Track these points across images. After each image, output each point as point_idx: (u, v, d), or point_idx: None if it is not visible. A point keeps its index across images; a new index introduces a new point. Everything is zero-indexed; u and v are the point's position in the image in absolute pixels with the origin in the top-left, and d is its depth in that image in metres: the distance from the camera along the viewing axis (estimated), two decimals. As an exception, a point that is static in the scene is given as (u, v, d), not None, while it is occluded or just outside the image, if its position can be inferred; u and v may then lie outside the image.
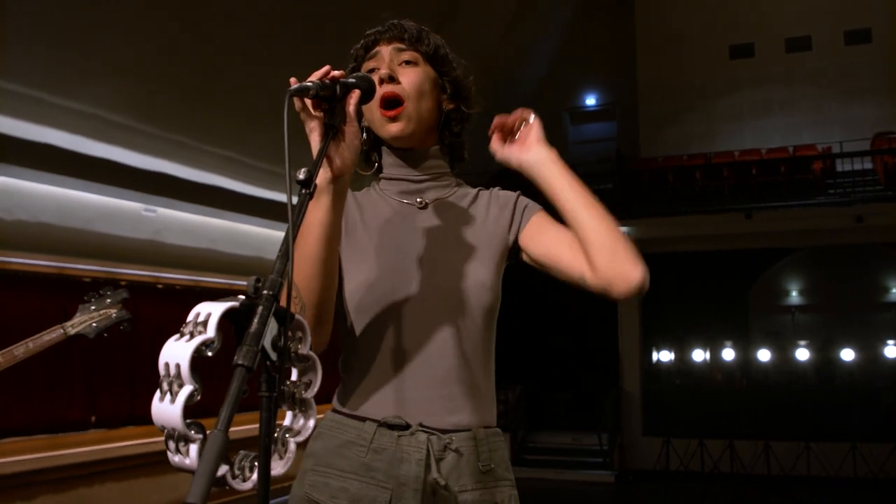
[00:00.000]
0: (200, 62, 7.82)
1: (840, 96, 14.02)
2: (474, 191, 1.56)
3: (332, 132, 1.16)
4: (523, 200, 1.52)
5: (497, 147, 1.43)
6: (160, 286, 8.31)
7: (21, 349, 2.03)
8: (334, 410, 1.42)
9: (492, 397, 1.43)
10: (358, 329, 1.40)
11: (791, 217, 11.26)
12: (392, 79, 1.41)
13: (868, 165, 12.42)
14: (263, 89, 8.34)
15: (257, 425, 0.79)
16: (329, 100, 1.15)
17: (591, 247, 1.33)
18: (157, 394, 0.79)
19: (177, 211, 8.76)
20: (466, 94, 1.53)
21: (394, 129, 1.42)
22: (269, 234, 9.51)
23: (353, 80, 1.22)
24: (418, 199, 1.49)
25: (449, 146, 1.54)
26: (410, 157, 1.49)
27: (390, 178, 1.51)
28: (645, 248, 9.03)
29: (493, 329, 1.43)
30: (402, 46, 1.45)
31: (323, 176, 1.21)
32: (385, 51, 1.45)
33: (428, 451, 1.32)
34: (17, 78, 6.95)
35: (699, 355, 12.42)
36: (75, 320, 2.13)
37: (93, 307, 2.16)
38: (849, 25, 14.07)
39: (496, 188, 1.57)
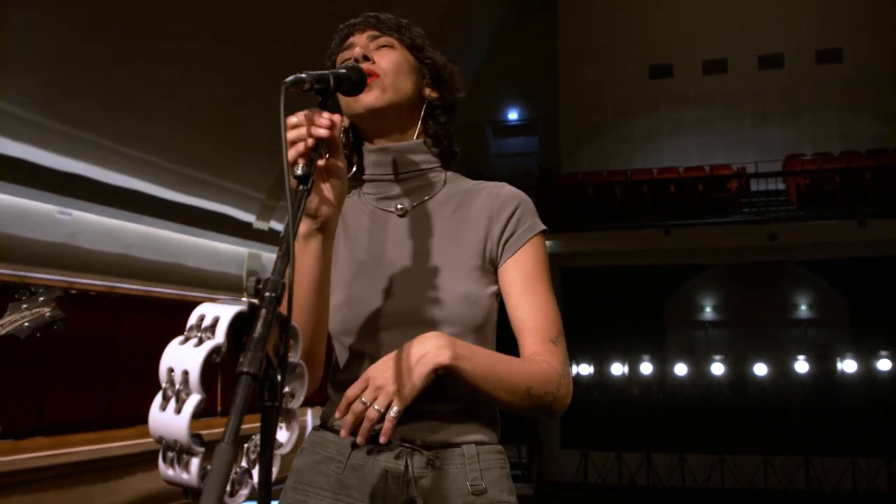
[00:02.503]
0: (114, 61, 7.59)
1: (754, 118, 14.46)
2: (467, 186, 1.43)
3: (308, 184, 1.00)
4: (522, 215, 1.38)
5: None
6: (73, 291, 8.02)
7: None
8: (319, 426, 1.35)
9: (490, 413, 1.34)
10: (341, 348, 1.34)
11: (707, 234, 11.53)
12: (366, 58, 1.32)
13: (781, 186, 12.83)
14: (180, 91, 8.19)
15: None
16: (323, 93, 1.07)
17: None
18: (158, 401, 0.71)
19: (92, 214, 8.48)
20: (449, 79, 1.43)
21: (367, 98, 1.30)
22: (187, 241, 9.28)
23: (343, 71, 1.15)
24: (398, 206, 1.38)
25: (434, 137, 1.42)
26: (391, 151, 1.38)
27: (370, 180, 1.41)
28: (565, 263, 9.03)
29: (488, 341, 1.33)
30: (377, 34, 1.37)
31: (308, 226, 1.13)
32: (359, 39, 1.37)
33: (407, 467, 1.24)
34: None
35: (618, 369, 12.58)
36: (6, 319, 1.98)
37: (24, 305, 2.02)
38: (762, 50, 14.52)
39: (498, 184, 1.43)
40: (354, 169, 1.43)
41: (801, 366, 11.87)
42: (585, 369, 12.81)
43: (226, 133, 8.84)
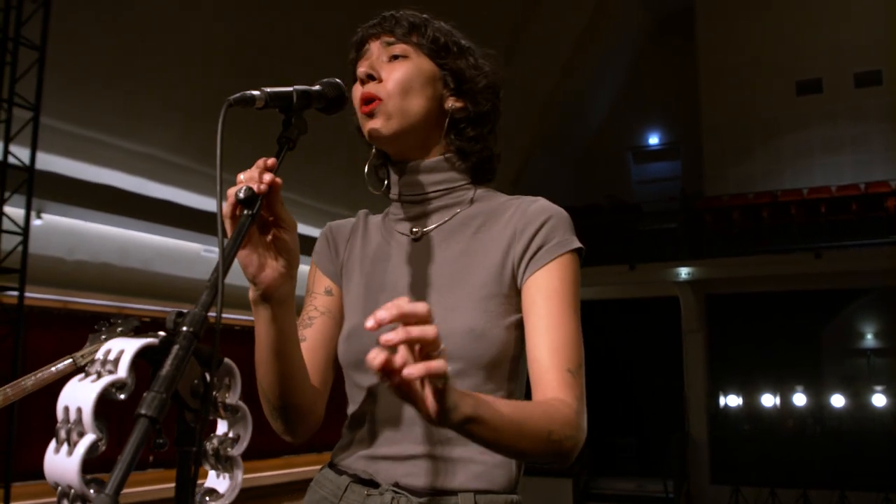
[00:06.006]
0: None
1: (914, 131, 13.56)
2: (497, 203, 1.29)
3: (254, 208, 0.96)
4: (550, 231, 1.21)
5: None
6: (239, 328, 8.34)
7: (31, 380, 1.96)
8: (328, 463, 1.29)
9: (498, 458, 1.17)
10: (349, 381, 1.27)
11: (863, 256, 10.86)
12: (371, 77, 1.21)
13: (945, 202, 11.95)
14: (318, 128, 8.46)
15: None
16: (286, 110, 1.02)
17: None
18: (53, 444, 0.67)
19: (235, 252, 8.83)
20: (472, 88, 1.26)
21: (369, 125, 1.20)
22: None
23: (317, 87, 1.08)
24: (413, 229, 1.27)
25: (459, 152, 1.27)
26: (408, 171, 1.27)
27: (394, 200, 1.31)
28: (711, 289, 8.71)
29: (502, 380, 1.20)
30: (392, 40, 1.24)
31: (252, 292, 1.08)
32: (374, 46, 1.25)
33: None
34: (78, 120, 7.10)
35: (769, 400, 11.99)
36: (86, 350, 2.05)
37: (103, 336, 2.08)
38: (921, 58, 13.65)
39: (531, 198, 1.26)
40: (386, 184, 1.33)
41: (976, 396, 10.94)
42: (734, 401, 12.28)
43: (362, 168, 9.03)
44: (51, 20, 6.22)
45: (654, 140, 17.40)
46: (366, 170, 1.31)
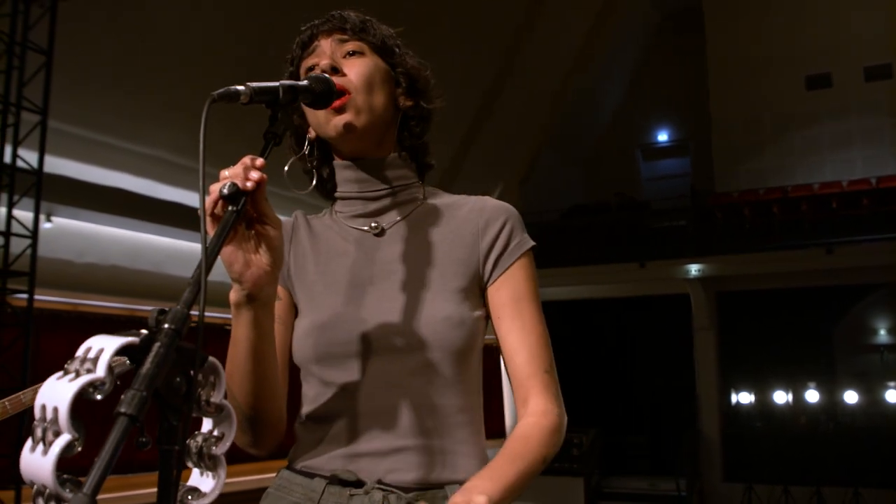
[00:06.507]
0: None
1: (925, 125, 13.48)
2: (449, 201, 1.32)
3: (239, 204, 0.94)
4: (511, 231, 1.26)
5: None
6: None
7: (29, 395, 1.94)
8: (286, 468, 1.25)
9: (476, 449, 1.22)
10: (311, 379, 1.24)
11: (875, 251, 10.80)
12: (335, 70, 1.20)
13: (957, 197, 11.87)
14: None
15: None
16: (272, 105, 0.99)
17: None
18: (29, 442, 0.66)
19: (245, 253, 8.85)
20: (424, 87, 1.31)
21: (340, 121, 1.19)
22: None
23: (306, 82, 1.07)
24: (373, 224, 1.27)
25: (410, 150, 1.31)
26: (365, 167, 1.27)
27: (344, 198, 1.30)
28: (722, 286, 8.67)
29: (472, 370, 1.24)
30: (345, 37, 1.24)
31: (236, 293, 1.05)
32: (325, 43, 1.24)
33: None
34: (85, 123, 7.11)
35: (781, 397, 11.95)
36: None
37: None
38: (932, 52, 13.56)
39: (482, 197, 1.32)
40: (314, 184, 1.32)
41: None
42: (746, 398, 12.26)
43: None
44: (56, 24, 6.24)
45: (663, 137, 17.35)
46: (314, 171, 1.31)
